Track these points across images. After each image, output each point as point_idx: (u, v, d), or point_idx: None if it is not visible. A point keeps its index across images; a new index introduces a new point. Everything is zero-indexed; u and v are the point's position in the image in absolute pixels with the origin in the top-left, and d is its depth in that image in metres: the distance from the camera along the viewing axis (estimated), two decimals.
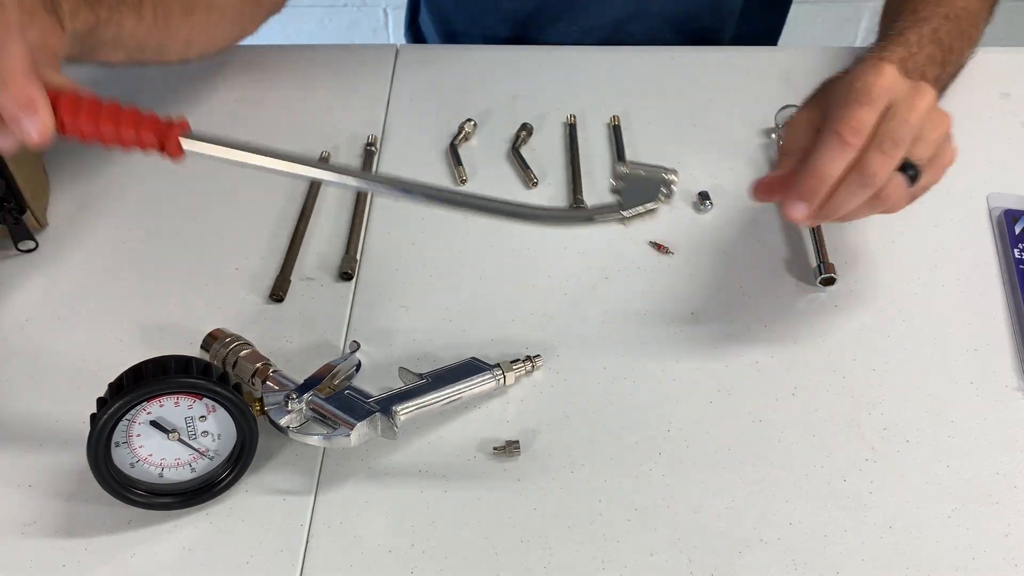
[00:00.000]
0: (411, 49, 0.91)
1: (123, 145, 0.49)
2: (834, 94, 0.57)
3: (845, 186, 0.55)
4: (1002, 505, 0.56)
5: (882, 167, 0.55)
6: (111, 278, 0.70)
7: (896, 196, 0.57)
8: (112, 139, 0.49)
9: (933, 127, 0.57)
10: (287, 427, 0.56)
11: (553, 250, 0.71)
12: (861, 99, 0.55)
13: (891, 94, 0.56)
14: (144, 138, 0.49)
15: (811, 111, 0.60)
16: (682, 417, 0.61)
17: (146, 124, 0.49)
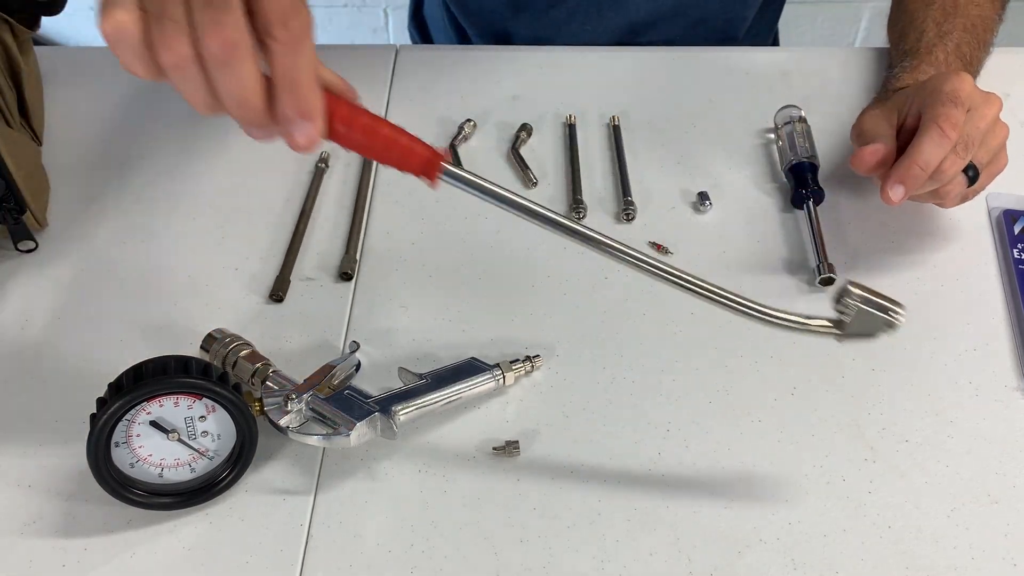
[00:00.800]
0: (411, 49, 0.91)
1: (382, 162, 0.49)
2: (918, 97, 0.66)
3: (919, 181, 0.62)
4: (1002, 505, 0.56)
5: (952, 166, 0.62)
6: (111, 278, 0.70)
7: (954, 194, 0.65)
8: (376, 156, 0.49)
9: (995, 135, 0.65)
10: (287, 427, 0.56)
11: (553, 250, 0.71)
12: (955, 100, 0.62)
13: (971, 100, 0.63)
14: (409, 166, 0.49)
15: (884, 109, 0.69)
16: (682, 417, 0.61)
17: (416, 154, 0.49)
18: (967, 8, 0.77)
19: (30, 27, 0.77)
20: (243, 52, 0.43)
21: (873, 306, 0.51)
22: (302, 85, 0.44)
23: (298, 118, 0.45)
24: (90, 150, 0.79)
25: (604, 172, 0.78)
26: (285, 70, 0.44)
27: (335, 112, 0.47)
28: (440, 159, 0.49)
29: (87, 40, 2.04)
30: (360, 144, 0.48)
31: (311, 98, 0.45)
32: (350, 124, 0.47)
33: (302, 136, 0.45)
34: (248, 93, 0.44)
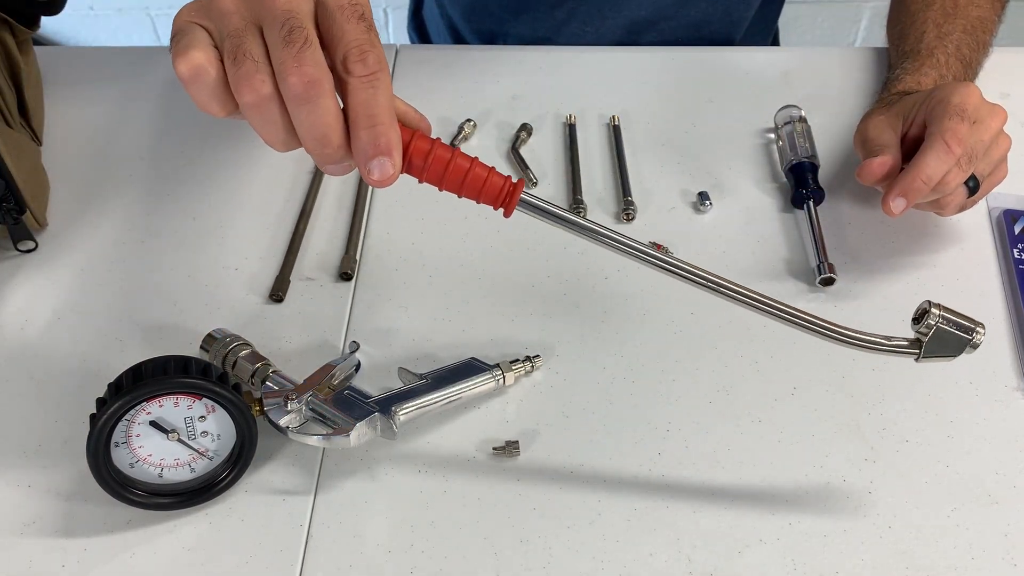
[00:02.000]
0: (411, 49, 0.91)
1: (459, 195, 0.49)
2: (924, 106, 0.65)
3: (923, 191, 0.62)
4: (1002, 505, 0.56)
5: (954, 179, 0.62)
6: (111, 278, 0.70)
7: (954, 204, 0.66)
8: (453, 189, 0.49)
9: (998, 147, 0.65)
10: (287, 427, 0.56)
11: (553, 250, 0.71)
12: (962, 113, 0.62)
13: (977, 113, 0.63)
14: (485, 196, 0.49)
15: (888, 116, 0.69)
16: (682, 417, 0.61)
17: (493, 186, 0.48)
18: (967, 9, 0.77)
19: (30, 27, 0.77)
20: (324, 89, 0.43)
21: (953, 326, 0.50)
22: (380, 121, 0.44)
23: (376, 154, 0.44)
24: (90, 150, 0.79)
25: (604, 172, 0.78)
26: (363, 106, 0.44)
27: (412, 146, 0.46)
28: (518, 190, 0.49)
29: (87, 40, 2.04)
30: (437, 178, 0.48)
31: (389, 134, 0.44)
32: (427, 159, 0.47)
33: (379, 172, 0.44)
34: (328, 130, 0.44)
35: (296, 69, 0.42)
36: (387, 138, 0.44)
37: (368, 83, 0.44)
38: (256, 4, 0.43)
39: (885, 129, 0.68)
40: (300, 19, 0.43)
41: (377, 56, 0.44)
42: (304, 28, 0.43)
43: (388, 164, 0.44)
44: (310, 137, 0.44)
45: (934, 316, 0.50)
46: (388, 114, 0.44)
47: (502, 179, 0.49)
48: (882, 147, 0.66)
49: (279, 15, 0.43)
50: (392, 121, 0.44)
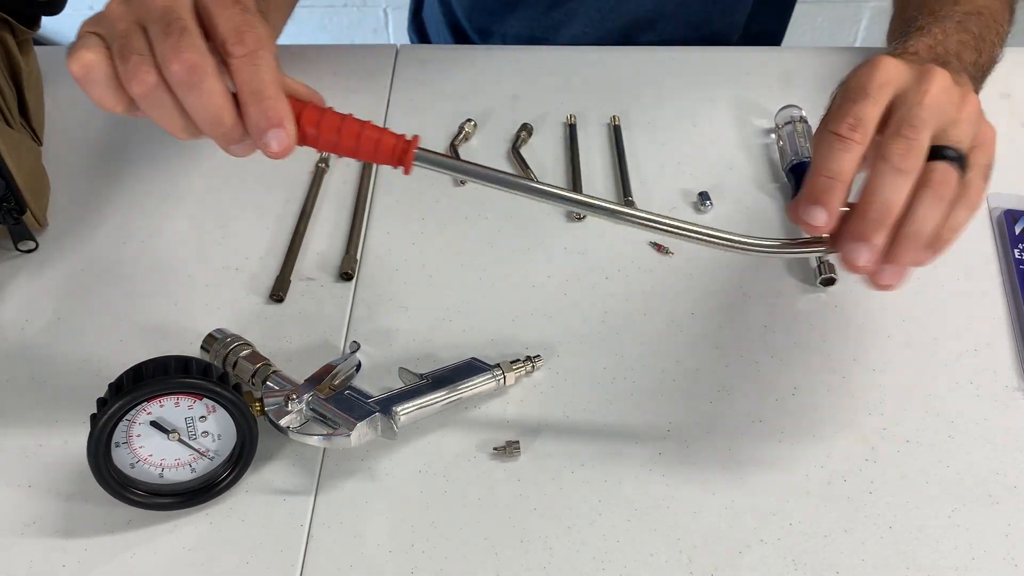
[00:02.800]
0: (411, 49, 0.91)
1: (356, 158, 0.51)
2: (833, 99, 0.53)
3: (881, 181, 0.49)
4: (1002, 505, 0.56)
5: (907, 151, 0.49)
6: (111, 278, 0.70)
7: (951, 186, 0.50)
8: (349, 152, 0.51)
9: (957, 107, 0.52)
10: (287, 427, 0.56)
11: (553, 250, 0.71)
12: (855, 95, 0.51)
13: (894, 85, 0.51)
14: (381, 155, 0.50)
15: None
16: (682, 417, 0.61)
17: (385, 142, 0.50)
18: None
19: (30, 27, 0.77)
20: (205, 71, 0.45)
21: None
22: (267, 96, 0.46)
23: (269, 127, 0.47)
24: (90, 150, 0.79)
25: (605, 172, 0.78)
26: (247, 83, 0.46)
27: (303, 116, 0.49)
28: (411, 145, 0.50)
29: None
30: (331, 143, 0.50)
31: (277, 106, 0.47)
32: (318, 125, 0.49)
33: (276, 143, 0.47)
34: (217, 110, 0.46)
35: (176, 56, 0.45)
36: (275, 111, 0.46)
37: (248, 62, 0.46)
38: (138, 6, 0.47)
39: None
40: (177, 12, 0.46)
41: (256, 35, 0.46)
42: (181, 19, 0.46)
43: (283, 134, 0.47)
44: (202, 119, 0.47)
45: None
46: (273, 88, 0.47)
47: (395, 137, 0.50)
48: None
49: (158, 12, 0.46)
50: (278, 94, 0.47)
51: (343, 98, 0.84)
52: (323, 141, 0.50)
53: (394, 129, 0.51)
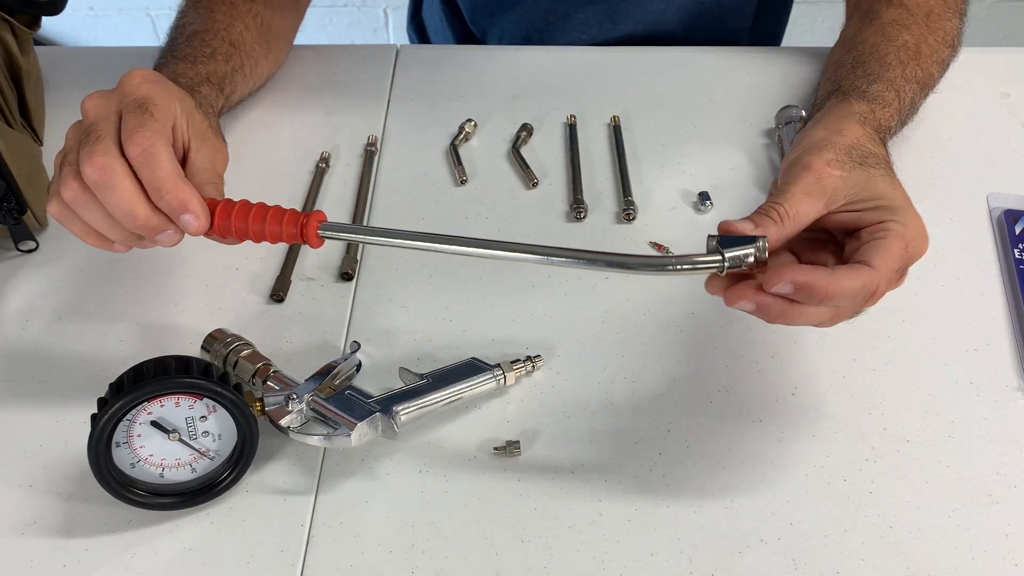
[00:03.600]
0: (411, 49, 0.91)
1: (270, 241, 0.55)
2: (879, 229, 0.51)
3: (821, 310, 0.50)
4: (1002, 505, 0.56)
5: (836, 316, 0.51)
6: (111, 278, 0.70)
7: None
8: (259, 236, 0.55)
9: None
10: (287, 427, 0.56)
11: None
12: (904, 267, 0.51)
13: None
14: (287, 233, 0.54)
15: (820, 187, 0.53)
16: (682, 417, 0.61)
17: (288, 220, 0.54)
18: (928, 61, 0.70)
19: (31, 27, 0.77)
20: (114, 171, 0.51)
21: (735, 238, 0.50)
22: (165, 187, 0.52)
23: (178, 213, 0.52)
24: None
25: (605, 172, 0.78)
26: (146, 180, 0.52)
27: (215, 210, 0.54)
28: (312, 222, 0.54)
29: (87, 40, 2.04)
30: (242, 231, 0.55)
31: (179, 195, 0.52)
32: (227, 216, 0.54)
33: (190, 227, 0.53)
34: (129, 204, 0.52)
35: (88, 160, 0.51)
36: (178, 199, 0.52)
37: (143, 161, 0.52)
38: (79, 124, 0.55)
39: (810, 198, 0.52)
40: (97, 123, 0.53)
41: (143, 135, 0.52)
42: (98, 129, 0.53)
43: (191, 218, 0.53)
44: (119, 216, 0.52)
45: (713, 236, 0.50)
46: (171, 179, 0.52)
47: (299, 215, 0.54)
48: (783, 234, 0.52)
49: (86, 126, 0.54)
50: (175, 184, 0.52)
51: (343, 98, 0.84)
52: (235, 229, 0.55)
53: (395, 129, 0.51)
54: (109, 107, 0.55)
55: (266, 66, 0.81)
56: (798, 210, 0.52)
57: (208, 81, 0.68)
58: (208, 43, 0.71)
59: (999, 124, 0.81)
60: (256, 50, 0.78)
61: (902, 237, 0.50)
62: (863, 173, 0.53)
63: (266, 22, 0.79)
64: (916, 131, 0.79)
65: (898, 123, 0.67)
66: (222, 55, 0.72)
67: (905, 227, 0.51)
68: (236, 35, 0.74)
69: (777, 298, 0.49)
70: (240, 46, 0.75)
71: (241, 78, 0.75)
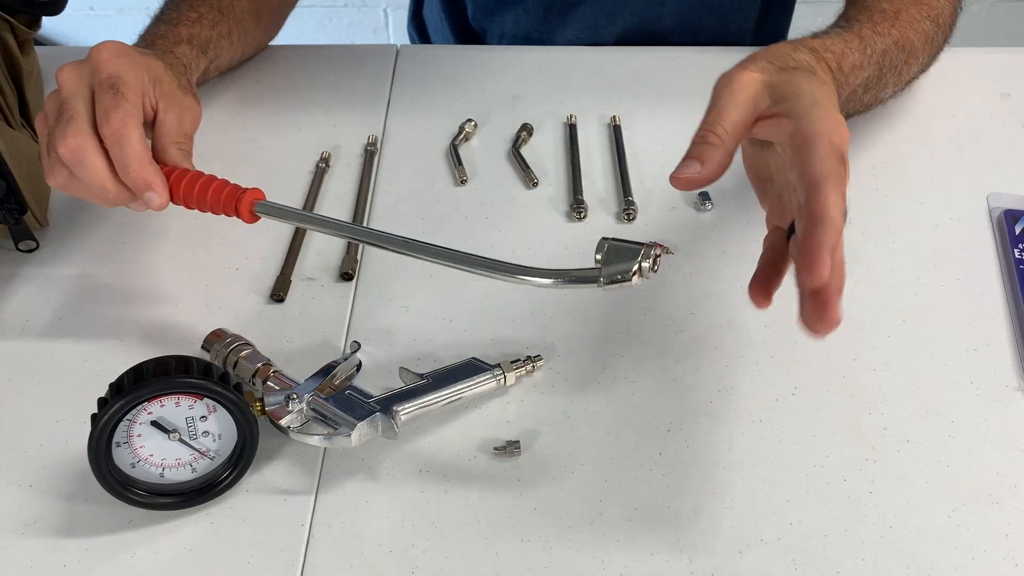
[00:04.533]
0: (411, 49, 0.91)
1: (214, 213, 0.59)
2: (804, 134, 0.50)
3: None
4: (1002, 505, 0.56)
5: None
6: (112, 278, 0.70)
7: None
8: (206, 207, 0.59)
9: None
10: (288, 427, 0.56)
11: (553, 250, 0.71)
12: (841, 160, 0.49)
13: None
14: (225, 206, 0.58)
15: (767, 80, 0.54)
16: (682, 417, 0.61)
17: (226, 194, 0.58)
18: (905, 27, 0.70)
19: (31, 27, 0.77)
20: (86, 150, 0.56)
21: (625, 243, 0.51)
22: (131, 165, 0.56)
23: (142, 190, 0.57)
24: None
25: (605, 172, 0.78)
26: (116, 158, 0.56)
27: (171, 178, 0.58)
28: (247, 197, 0.58)
29: (87, 40, 2.04)
30: (190, 201, 0.59)
31: (143, 174, 0.56)
32: (178, 185, 0.58)
33: (153, 201, 0.57)
34: (100, 181, 0.57)
35: (62, 141, 0.56)
36: (142, 178, 0.56)
37: (114, 140, 0.56)
38: (55, 102, 0.58)
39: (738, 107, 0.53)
40: (70, 101, 0.57)
41: (119, 115, 0.56)
42: (71, 108, 0.56)
43: (154, 196, 0.57)
44: (91, 190, 0.57)
45: (606, 240, 0.52)
46: (137, 160, 0.56)
47: (237, 189, 0.58)
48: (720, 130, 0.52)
49: (59, 104, 0.57)
50: (142, 163, 0.56)
51: (343, 98, 0.84)
52: (186, 199, 0.59)
53: (395, 129, 0.52)
54: (81, 82, 0.58)
55: (257, 35, 0.85)
56: (731, 122, 0.52)
57: (188, 42, 0.72)
58: (195, 8, 0.75)
59: (999, 124, 0.81)
60: (246, 19, 0.81)
61: (822, 135, 0.48)
62: (784, 75, 0.53)
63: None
64: (916, 131, 0.79)
65: (868, 63, 0.64)
66: (208, 20, 0.76)
67: (817, 121, 0.49)
68: (226, 3, 0.78)
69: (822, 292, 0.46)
70: (229, 13, 0.78)
71: (228, 44, 0.79)
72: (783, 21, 1.03)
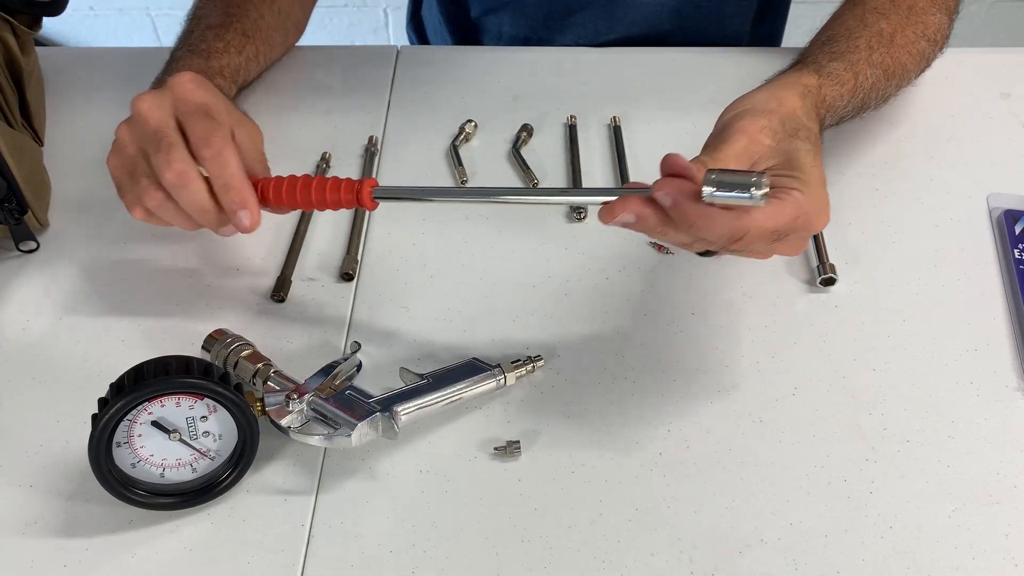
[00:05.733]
0: (412, 50, 0.91)
1: (332, 208, 0.60)
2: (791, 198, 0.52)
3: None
4: (1002, 505, 0.56)
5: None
6: (112, 278, 0.70)
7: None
8: (317, 205, 0.61)
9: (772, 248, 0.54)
10: (288, 427, 0.56)
11: (553, 251, 0.71)
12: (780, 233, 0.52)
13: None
14: (345, 200, 0.60)
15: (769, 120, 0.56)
16: (682, 417, 0.61)
17: (344, 188, 0.60)
18: (900, 51, 0.71)
19: (32, 27, 0.77)
20: (190, 176, 0.58)
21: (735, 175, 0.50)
22: (232, 185, 0.58)
23: (237, 208, 0.59)
24: (91, 150, 0.79)
25: (605, 172, 0.78)
26: (217, 178, 0.59)
27: (266, 188, 0.61)
28: (368, 184, 0.59)
29: (88, 40, 2.04)
30: (298, 201, 0.61)
31: (242, 193, 0.59)
32: (279, 192, 0.60)
33: (246, 221, 0.59)
34: (203, 203, 0.59)
35: (168, 167, 0.58)
36: (240, 196, 0.58)
37: (215, 162, 0.58)
38: (137, 128, 0.60)
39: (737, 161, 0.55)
40: (164, 131, 0.59)
41: (220, 139, 0.58)
42: (168, 136, 0.59)
43: (246, 214, 0.59)
44: (193, 211, 0.59)
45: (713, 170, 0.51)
46: (237, 179, 0.59)
47: (349, 180, 0.60)
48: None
49: (151, 135, 0.59)
50: (241, 183, 0.59)
51: (344, 99, 0.85)
52: (291, 203, 0.61)
53: (396, 130, 0.52)
54: (166, 111, 0.60)
55: (280, 50, 0.87)
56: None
57: (221, 74, 0.74)
58: (222, 37, 0.76)
59: (999, 124, 0.81)
60: (273, 36, 0.83)
61: (799, 206, 0.52)
62: (790, 144, 0.56)
63: (284, 10, 0.84)
64: (916, 131, 0.79)
65: (851, 105, 0.68)
66: (235, 47, 0.77)
67: (806, 199, 0.52)
68: (250, 24, 0.79)
69: (657, 211, 0.52)
70: (254, 34, 0.79)
71: (255, 65, 0.81)
72: (779, 22, 1.03)
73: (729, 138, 0.56)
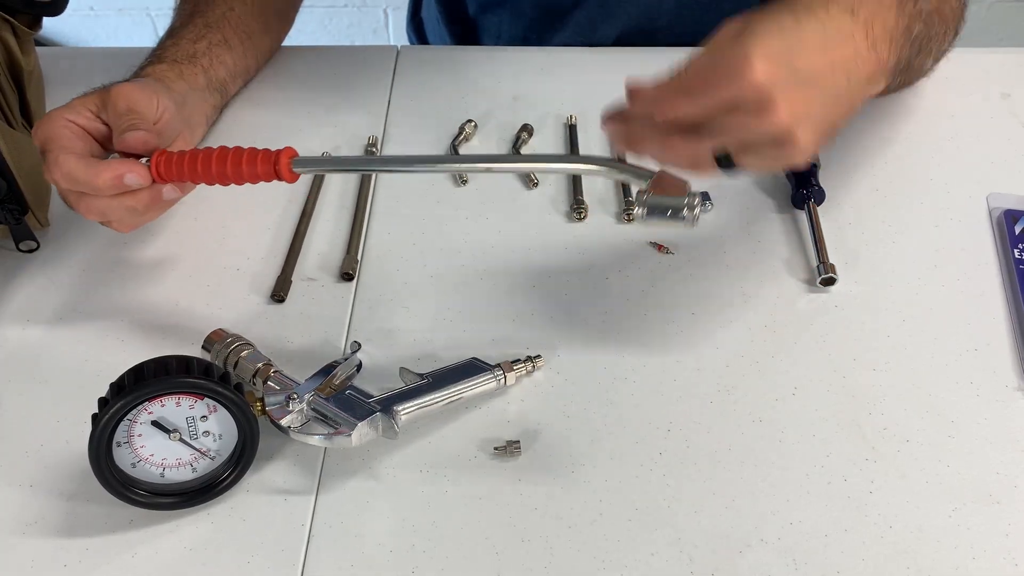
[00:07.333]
0: (412, 50, 0.91)
1: (239, 182, 0.58)
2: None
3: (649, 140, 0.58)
4: (1002, 505, 0.56)
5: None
6: (112, 278, 0.70)
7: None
8: (242, 178, 0.58)
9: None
10: (288, 427, 0.56)
11: (553, 250, 0.71)
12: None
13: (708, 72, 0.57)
14: (261, 171, 0.57)
15: None
16: (682, 417, 0.61)
17: (260, 158, 0.57)
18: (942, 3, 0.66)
19: (32, 27, 0.77)
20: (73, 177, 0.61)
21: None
22: (98, 181, 0.60)
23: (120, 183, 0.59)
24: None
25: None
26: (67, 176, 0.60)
27: (168, 161, 0.59)
28: (286, 153, 0.57)
29: (88, 40, 2.04)
30: (213, 175, 0.58)
31: (103, 176, 0.59)
32: (182, 164, 0.58)
33: (134, 181, 0.59)
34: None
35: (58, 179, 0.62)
36: (107, 178, 0.59)
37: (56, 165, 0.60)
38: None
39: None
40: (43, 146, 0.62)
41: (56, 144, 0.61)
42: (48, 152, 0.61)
43: (133, 176, 0.59)
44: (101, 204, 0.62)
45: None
46: (92, 175, 0.59)
47: (270, 152, 0.57)
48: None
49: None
50: (93, 172, 0.59)
51: (344, 99, 0.84)
52: (198, 172, 0.58)
53: (396, 130, 0.52)
54: (45, 128, 0.62)
55: (267, 40, 0.86)
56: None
57: (161, 60, 0.74)
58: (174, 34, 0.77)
59: (999, 124, 0.81)
60: (250, 24, 0.82)
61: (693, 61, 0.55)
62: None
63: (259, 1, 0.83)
64: (916, 131, 0.79)
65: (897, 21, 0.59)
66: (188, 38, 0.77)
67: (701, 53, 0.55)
68: (214, 18, 0.79)
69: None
70: (217, 25, 0.79)
71: (226, 49, 0.79)
72: None
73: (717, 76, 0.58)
